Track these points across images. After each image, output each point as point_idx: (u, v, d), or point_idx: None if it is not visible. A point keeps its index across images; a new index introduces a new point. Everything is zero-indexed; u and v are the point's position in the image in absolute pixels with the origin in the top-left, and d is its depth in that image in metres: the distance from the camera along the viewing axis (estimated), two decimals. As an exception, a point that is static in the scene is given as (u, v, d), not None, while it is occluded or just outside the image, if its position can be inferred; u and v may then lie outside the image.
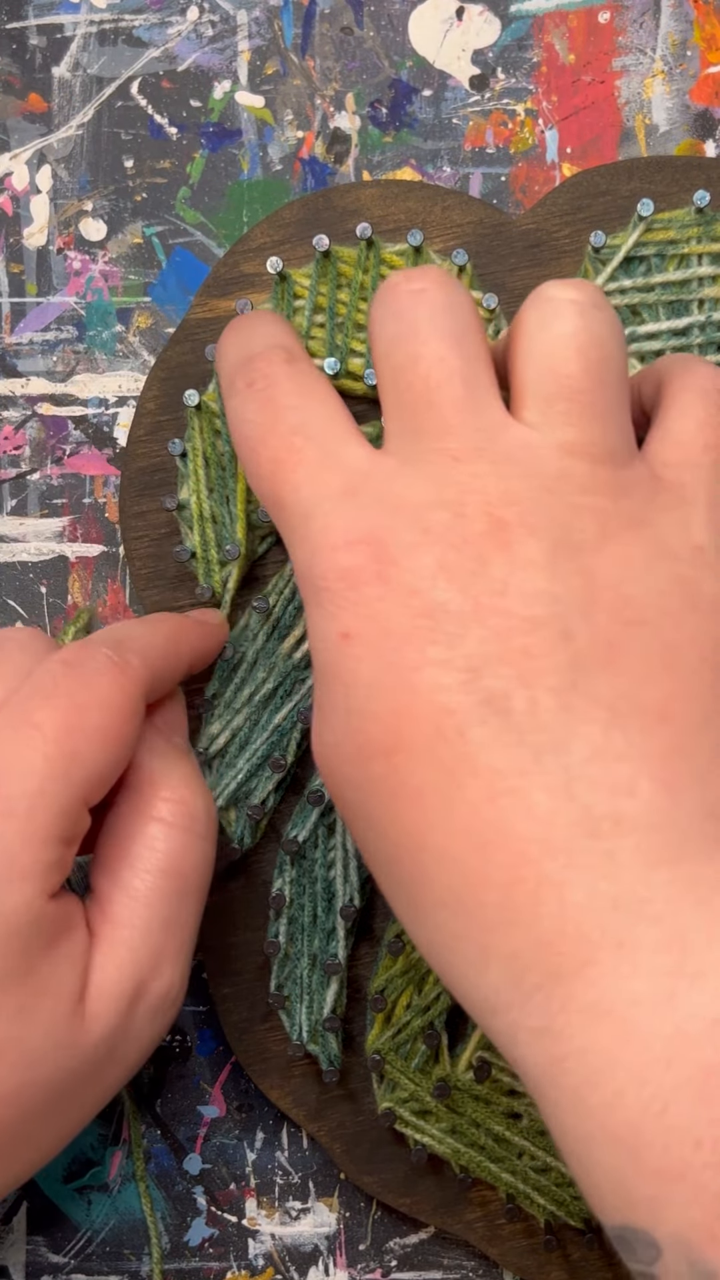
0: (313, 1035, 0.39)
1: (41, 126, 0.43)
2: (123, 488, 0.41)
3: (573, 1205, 0.39)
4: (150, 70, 0.43)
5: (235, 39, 0.43)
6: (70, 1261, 0.41)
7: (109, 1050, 0.33)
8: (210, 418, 0.40)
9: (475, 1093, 0.39)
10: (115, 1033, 0.32)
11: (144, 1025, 0.33)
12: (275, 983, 0.39)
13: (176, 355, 0.41)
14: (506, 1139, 0.39)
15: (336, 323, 0.40)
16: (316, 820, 0.39)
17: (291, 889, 0.39)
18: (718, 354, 0.39)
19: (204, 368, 0.40)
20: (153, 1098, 0.41)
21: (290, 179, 0.43)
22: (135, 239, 0.43)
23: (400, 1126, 0.39)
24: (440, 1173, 0.40)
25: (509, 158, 0.43)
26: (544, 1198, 0.39)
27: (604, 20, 0.43)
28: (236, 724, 0.39)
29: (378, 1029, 0.39)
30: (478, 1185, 0.40)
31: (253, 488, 0.32)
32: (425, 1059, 0.39)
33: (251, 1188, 0.41)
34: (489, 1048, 0.39)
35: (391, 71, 0.43)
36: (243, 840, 0.39)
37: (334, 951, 0.39)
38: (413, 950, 0.39)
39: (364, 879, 0.39)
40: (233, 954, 0.40)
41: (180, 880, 0.34)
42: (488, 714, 0.28)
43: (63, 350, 0.43)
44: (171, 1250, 0.41)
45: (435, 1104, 0.39)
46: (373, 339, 0.32)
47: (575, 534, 0.29)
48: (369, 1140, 0.40)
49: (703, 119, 0.42)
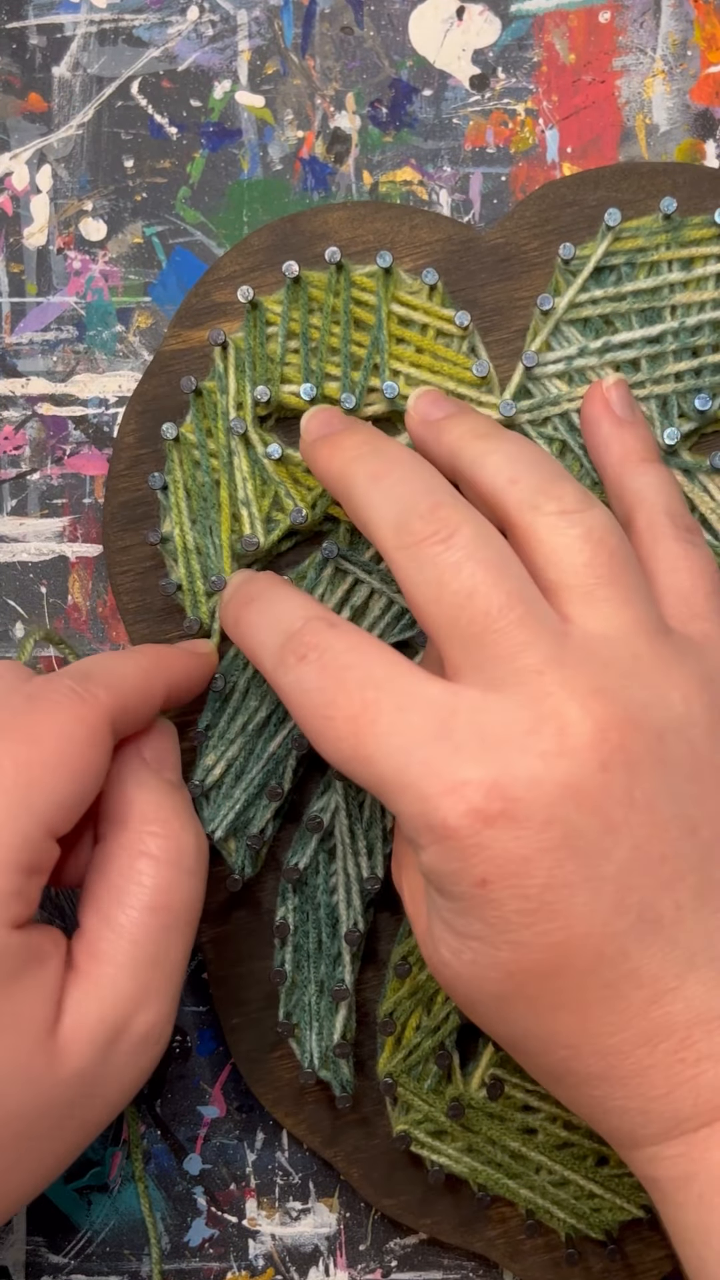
0: (324, 1062, 0.39)
1: (41, 126, 0.43)
2: (105, 523, 0.41)
3: (593, 1218, 0.39)
4: (150, 70, 0.43)
5: (235, 39, 0.43)
6: (70, 1262, 0.41)
7: (85, 1086, 0.32)
8: (189, 449, 0.40)
9: (489, 1110, 0.39)
10: (92, 1068, 0.32)
11: (126, 1062, 0.33)
12: (284, 1011, 0.39)
13: (152, 388, 0.41)
14: (523, 1155, 0.39)
15: (310, 348, 0.40)
16: (316, 847, 0.39)
17: (295, 916, 0.39)
18: (692, 360, 0.39)
19: (180, 399, 0.40)
20: (153, 1098, 0.41)
21: (290, 179, 0.43)
22: (135, 239, 0.43)
23: (416, 1148, 0.39)
24: (459, 1192, 0.40)
25: (509, 157, 0.43)
26: (564, 1211, 0.39)
27: (604, 20, 0.43)
28: (231, 754, 0.39)
29: (388, 1052, 0.39)
30: (497, 1202, 0.40)
31: (331, 755, 0.31)
32: (438, 1079, 0.39)
33: (251, 1188, 0.41)
34: (501, 1065, 0.39)
35: (392, 71, 0.43)
36: (244, 870, 0.39)
37: (340, 977, 0.39)
38: (419, 972, 0.39)
39: (367, 903, 0.39)
40: (240, 984, 0.40)
41: (168, 916, 0.34)
42: (644, 930, 0.29)
43: (63, 350, 0.43)
44: (172, 1250, 0.41)
45: (450, 1124, 0.39)
46: (412, 589, 0.32)
47: (670, 713, 0.30)
48: (386, 1163, 0.40)
49: (703, 119, 0.42)
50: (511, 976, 0.30)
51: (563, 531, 0.32)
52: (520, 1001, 0.30)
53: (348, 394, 0.39)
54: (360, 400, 0.39)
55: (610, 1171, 0.39)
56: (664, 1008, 0.29)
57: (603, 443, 0.37)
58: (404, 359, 0.39)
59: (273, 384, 0.40)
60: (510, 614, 0.30)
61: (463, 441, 0.34)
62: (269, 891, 0.40)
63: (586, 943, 0.29)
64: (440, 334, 0.40)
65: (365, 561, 0.39)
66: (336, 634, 0.32)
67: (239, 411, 0.40)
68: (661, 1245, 0.39)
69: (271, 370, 0.40)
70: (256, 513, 0.39)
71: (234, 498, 0.40)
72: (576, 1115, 0.32)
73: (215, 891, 0.40)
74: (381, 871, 0.39)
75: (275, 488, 0.39)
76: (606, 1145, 0.39)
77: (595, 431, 0.38)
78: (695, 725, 0.31)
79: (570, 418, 0.39)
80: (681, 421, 0.39)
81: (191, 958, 0.41)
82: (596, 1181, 0.39)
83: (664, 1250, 0.39)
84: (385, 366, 0.39)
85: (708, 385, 0.39)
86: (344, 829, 0.39)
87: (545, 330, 0.40)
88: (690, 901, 0.30)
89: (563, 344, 0.40)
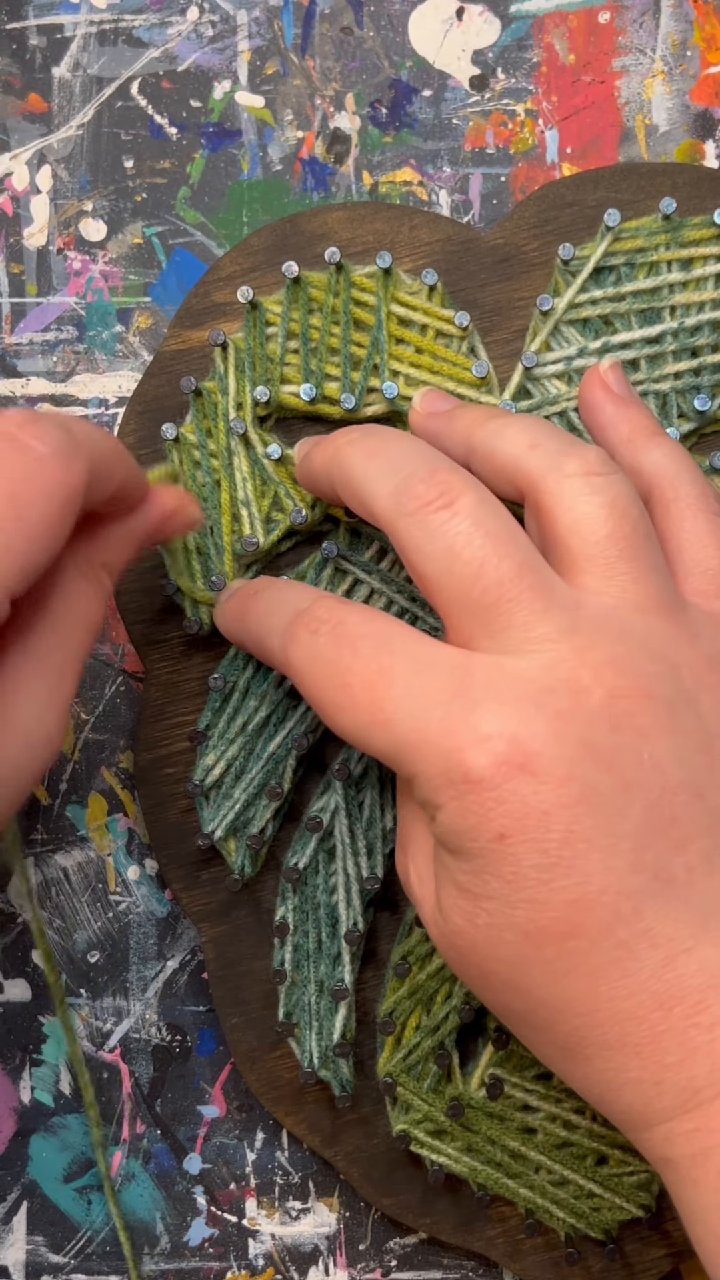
0: (323, 1061, 0.39)
1: (41, 126, 0.43)
2: None
3: (593, 1217, 0.39)
4: (150, 70, 0.43)
5: (235, 39, 0.43)
6: (70, 1261, 0.41)
7: None
8: (189, 449, 0.40)
9: (489, 1110, 0.39)
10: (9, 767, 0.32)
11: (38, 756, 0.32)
12: (284, 1010, 0.39)
13: (152, 389, 0.41)
14: (523, 1154, 0.39)
15: (310, 348, 0.40)
16: (316, 847, 0.39)
17: (295, 916, 0.39)
18: (691, 360, 0.39)
19: (180, 400, 0.40)
20: (153, 1097, 0.41)
21: (290, 179, 0.43)
22: (135, 239, 0.43)
23: (416, 1148, 0.39)
24: (458, 1191, 0.40)
25: (509, 158, 0.43)
26: (563, 1211, 0.39)
27: (604, 20, 0.43)
28: (231, 754, 0.39)
29: (388, 1052, 0.39)
30: (497, 1202, 0.40)
31: (347, 725, 0.31)
32: (437, 1079, 0.39)
33: (251, 1187, 0.41)
34: (501, 1064, 0.39)
35: (391, 71, 0.43)
36: (244, 870, 0.39)
37: (340, 977, 0.39)
38: (419, 971, 0.39)
39: (366, 903, 0.39)
40: (240, 984, 0.40)
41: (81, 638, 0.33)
42: (658, 889, 0.29)
43: (63, 350, 0.43)
44: (171, 1250, 0.41)
45: (450, 1123, 0.39)
46: (421, 561, 0.31)
47: (680, 686, 0.31)
48: (385, 1163, 0.40)
49: (703, 119, 0.42)
50: (528, 938, 0.30)
51: (587, 498, 0.32)
52: (536, 967, 0.30)
53: (347, 394, 0.39)
54: (360, 400, 0.39)
55: (610, 1171, 0.39)
56: (678, 969, 0.29)
57: (609, 423, 0.36)
58: (404, 359, 0.40)
59: (272, 384, 0.40)
60: (522, 583, 0.31)
61: (477, 422, 0.34)
62: (269, 891, 0.40)
63: (602, 900, 0.29)
64: (440, 334, 0.40)
65: (365, 561, 0.39)
66: (348, 608, 0.33)
67: (239, 412, 0.40)
68: (661, 1245, 0.39)
69: (271, 370, 0.40)
70: (256, 513, 0.39)
71: (234, 498, 0.40)
72: (586, 1099, 0.32)
73: (215, 891, 0.40)
74: (381, 871, 0.39)
75: (275, 488, 0.40)
76: (606, 1145, 0.39)
77: (599, 413, 0.37)
78: (701, 701, 0.31)
79: (570, 417, 0.39)
80: (681, 421, 0.39)
81: (192, 958, 0.41)
82: (596, 1181, 0.39)
83: (664, 1250, 0.39)
84: (385, 367, 0.39)
85: (707, 385, 0.39)
86: (344, 829, 0.39)
87: (545, 330, 0.40)
88: (701, 865, 0.30)
89: (562, 344, 0.40)
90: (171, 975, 0.41)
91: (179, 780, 0.40)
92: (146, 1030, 0.41)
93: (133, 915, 0.42)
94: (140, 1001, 0.41)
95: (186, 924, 0.41)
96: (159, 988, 0.41)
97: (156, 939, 0.42)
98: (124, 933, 0.42)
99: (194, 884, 0.40)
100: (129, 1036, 0.41)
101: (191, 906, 0.40)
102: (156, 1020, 0.41)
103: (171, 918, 0.42)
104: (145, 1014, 0.41)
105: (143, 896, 0.42)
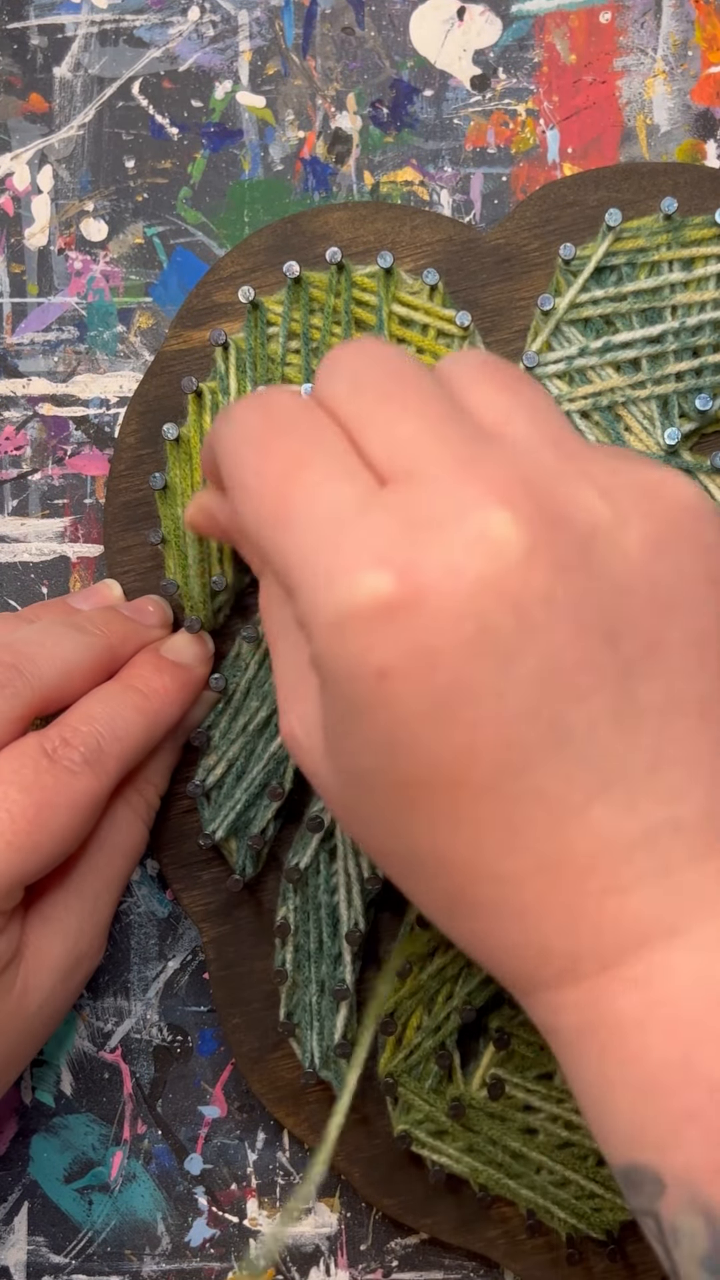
0: (325, 1061, 0.39)
1: (43, 126, 0.43)
2: (106, 523, 0.41)
3: (594, 1218, 0.39)
4: (151, 70, 0.43)
5: (236, 39, 0.43)
6: (71, 1262, 0.41)
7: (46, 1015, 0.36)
8: (190, 450, 0.40)
9: (490, 1110, 0.39)
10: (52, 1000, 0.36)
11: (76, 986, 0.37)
12: (284, 1011, 0.39)
13: (153, 389, 0.41)
14: (524, 1155, 0.39)
15: (311, 348, 0.40)
16: (317, 847, 0.39)
17: (296, 916, 0.39)
18: (693, 359, 0.39)
19: (181, 400, 0.40)
20: (153, 1098, 0.41)
21: (291, 179, 0.43)
22: (136, 239, 0.43)
23: (417, 1148, 0.39)
24: (459, 1192, 0.40)
25: (510, 158, 0.43)
26: (564, 1211, 0.39)
27: (605, 20, 0.43)
28: (232, 754, 0.39)
29: (389, 1052, 0.39)
30: (497, 1202, 0.40)
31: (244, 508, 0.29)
32: (438, 1079, 0.39)
33: (253, 1188, 0.41)
34: (502, 1065, 0.39)
35: (393, 71, 0.43)
36: (245, 870, 0.39)
37: (341, 977, 0.39)
38: (421, 972, 0.39)
39: (367, 903, 0.39)
40: (241, 984, 0.40)
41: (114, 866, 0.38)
42: (552, 742, 0.27)
43: (64, 350, 0.43)
44: (172, 1250, 0.41)
45: (451, 1124, 0.39)
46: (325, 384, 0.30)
47: (598, 517, 0.28)
48: (386, 1163, 0.40)
49: (704, 119, 0.42)
50: (405, 788, 0.27)
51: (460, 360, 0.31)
52: (414, 817, 0.28)
53: None
54: (361, 400, 0.39)
55: (611, 1172, 0.39)
56: (567, 833, 0.27)
57: None
58: (405, 359, 0.40)
59: (274, 384, 0.40)
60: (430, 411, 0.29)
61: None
62: (270, 891, 0.40)
63: (490, 751, 0.26)
64: (441, 334, 0.40)
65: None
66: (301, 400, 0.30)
67: (240, 412, 0.40)
68: (662, 1245, 0.39)
69: (272, 371, 0.40)
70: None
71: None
72: (472, 956, 0.30)
73: (216, 892, 0.40)
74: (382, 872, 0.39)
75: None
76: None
77: None
78: (623, 533, 0.28)
79: (570, 417, 0.39)
80: (682, 422, 0.39)
81: (193, 958, 0.41)
82: (597, 1181, 0.39)
83: (665, 1250, 0.39)
84: (386, 367, 0.39)
85: (708, 385, 0.39)
86: (345, 829, 0.39)
87: (546, 330, 0.40)
88: (605, 720, 0.27)
89: (563, 344, 0.40)
90: (172, 976, 0.42)
91: (180, 781, 0.40)
92: (147, 1030, 0.41)
93: (134, 915, 0.42)
94: (141, 1002, 0.41)
95: (187, 924, 0.41)
96: (160, 988, 0.41)
97: (157, 939, 0.42)
98: (125, 933, 0.42)
99: (195, 884, 0.40)
100: (130, 1037, 0.41)
101: (192, 907, 0.40)
102: (157, 1020, 0.41)
103: (172, 918, 0.42)
104: (146, 1014, 0.41)
105: (144, 897, 0.42)
